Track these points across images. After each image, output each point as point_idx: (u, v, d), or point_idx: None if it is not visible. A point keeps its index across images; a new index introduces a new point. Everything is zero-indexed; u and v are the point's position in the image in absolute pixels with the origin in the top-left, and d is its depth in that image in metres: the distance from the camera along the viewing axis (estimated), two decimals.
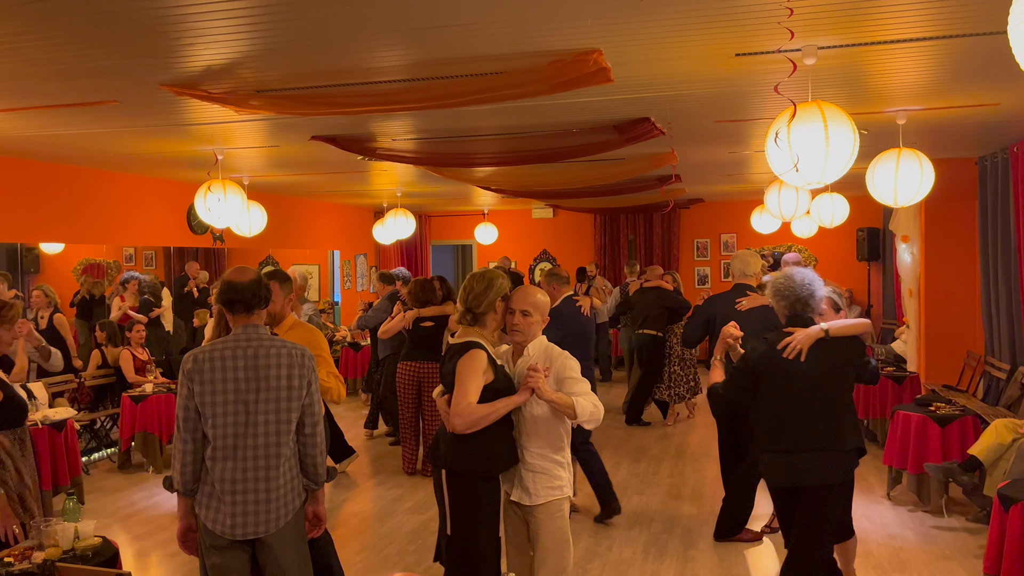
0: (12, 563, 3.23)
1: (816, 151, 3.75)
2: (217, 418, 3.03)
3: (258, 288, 3.16)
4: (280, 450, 3.08)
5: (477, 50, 3.88)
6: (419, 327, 7.01)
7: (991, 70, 4.51)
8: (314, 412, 3.19)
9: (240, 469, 3.03)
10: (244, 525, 3.04)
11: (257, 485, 3.04)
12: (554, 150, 6.54)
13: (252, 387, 3.05)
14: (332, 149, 6.57)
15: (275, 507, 3.08)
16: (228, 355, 3.06)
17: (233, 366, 3.05)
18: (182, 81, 4.40)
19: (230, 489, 3.03)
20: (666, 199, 11.27)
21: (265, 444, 3.06)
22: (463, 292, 3.43)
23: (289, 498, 3.14)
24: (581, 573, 4.95)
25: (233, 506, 3.03)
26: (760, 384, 3.64)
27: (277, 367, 3.08)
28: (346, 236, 13.38)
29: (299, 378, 3.12)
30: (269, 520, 3.07)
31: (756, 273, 5.53)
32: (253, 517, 3.05)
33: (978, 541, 5.25)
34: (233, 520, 3.03)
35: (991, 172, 7.57)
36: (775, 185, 7.77)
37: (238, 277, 3.17)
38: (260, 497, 3.05)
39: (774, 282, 3.78)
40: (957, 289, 8.45)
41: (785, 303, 3.70)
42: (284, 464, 3.10)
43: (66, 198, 7.79)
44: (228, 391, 3.03)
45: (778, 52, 3.90)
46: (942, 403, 6.39)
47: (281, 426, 3.08)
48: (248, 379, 3.05)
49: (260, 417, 3.05)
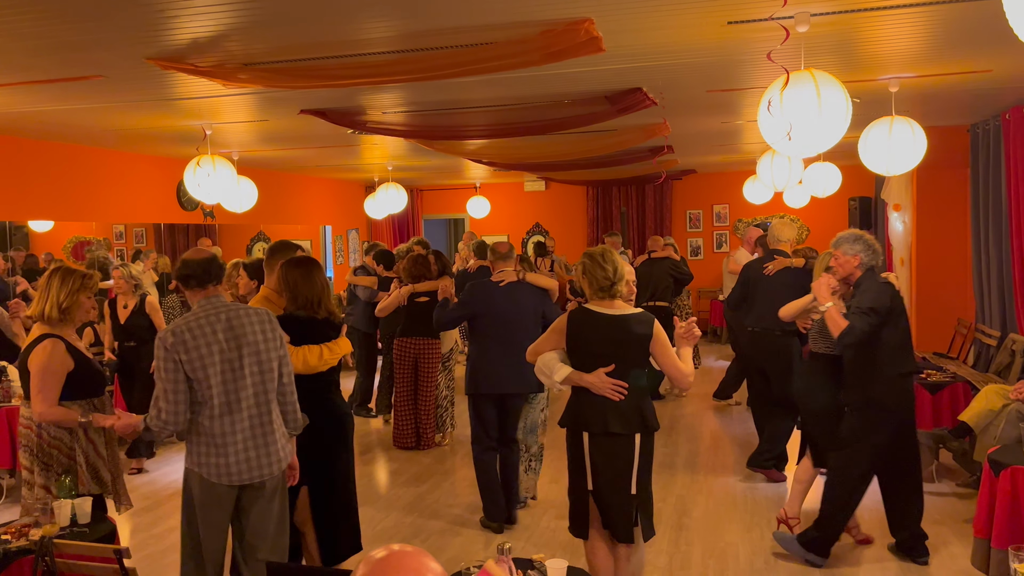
0: (9, 540, 3.24)
1: (809, 119, 3.74)
2: (211, 380, 3.29)
3: (210, 266, 3.44)
4: (269, 397, 3.43)
5: (467, 20, 3.84)
6: (414, 303, 6.98)
7: (984, 36, 4.48)
8: (288, 363, 3.52)
9: (239, 420, 3.34)
10: (250, 471, 3.36)
11: (255, 432, 3.38)
12: (546, 121, 6.50)
13: (234, 346, 3.35)
14: (322, 123, 6.52)
15: (275, 451, 3.43)
16: (204, 323, 3.33)
17: (212, 331, 3.32)
18: (168, 55, 4.35)
19: (232, 440, 3.33)
20: (658, 170, 11.23)
21: (255, 395, 3.38)
22: (601, 272, 3.61)
23: (282, 443, 3.48)
24: (576, 544, 4.98)
25: (237, 455, 3.33)
26: (889, 320, 4.30)
27: (251, 325, 3.41)
28: (338, 211, 13.32)
29: (271, 332, 3.46)
30: (272, 464, 3.41)
31: (790, 239, 6.22)
32: (256, 462, 3.37)
33: (968, 506, 5.32)
34: (239, 467, 3.34)
35: (983, 139, 7.56)
36: (768, 154, 7.76)
37: (193, 255, 3.46)
38: (260, 442, 3.38)
39: (870, 240, 4.50)
40: (948, 257, 8.48)
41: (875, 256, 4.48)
42: (275, 411, 3.46)
43: (54, 175, 7.72)
44: (214, 354, 3.30)
45: (771, 19, 3.87)
46: (933, 370, 6.44)
47: (266, 376, 3.41)
48: (229, 339, 3.34)
49: (247, 371, 3.36)
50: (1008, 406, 5.18)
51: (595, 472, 3.59)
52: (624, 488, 3.57)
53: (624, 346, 3.58)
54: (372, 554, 1.46)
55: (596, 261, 3.63)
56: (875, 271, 4.47)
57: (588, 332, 3.64)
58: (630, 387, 3.57)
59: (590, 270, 3.64)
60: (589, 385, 3.57)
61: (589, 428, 3.59)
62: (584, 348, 3.63)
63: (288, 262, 4.08)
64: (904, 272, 8.84)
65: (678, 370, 3.58)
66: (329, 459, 4.07)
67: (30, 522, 3.42)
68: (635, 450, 3.57)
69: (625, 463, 3.56)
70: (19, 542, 3.22)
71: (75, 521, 3.46)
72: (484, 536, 5.18)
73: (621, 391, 3.54)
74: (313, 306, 4.00)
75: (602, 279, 3.61)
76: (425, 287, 6.99)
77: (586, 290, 3.70)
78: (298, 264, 4.06)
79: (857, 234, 4.54)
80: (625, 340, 3.57)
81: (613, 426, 3.55)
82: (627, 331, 3.58)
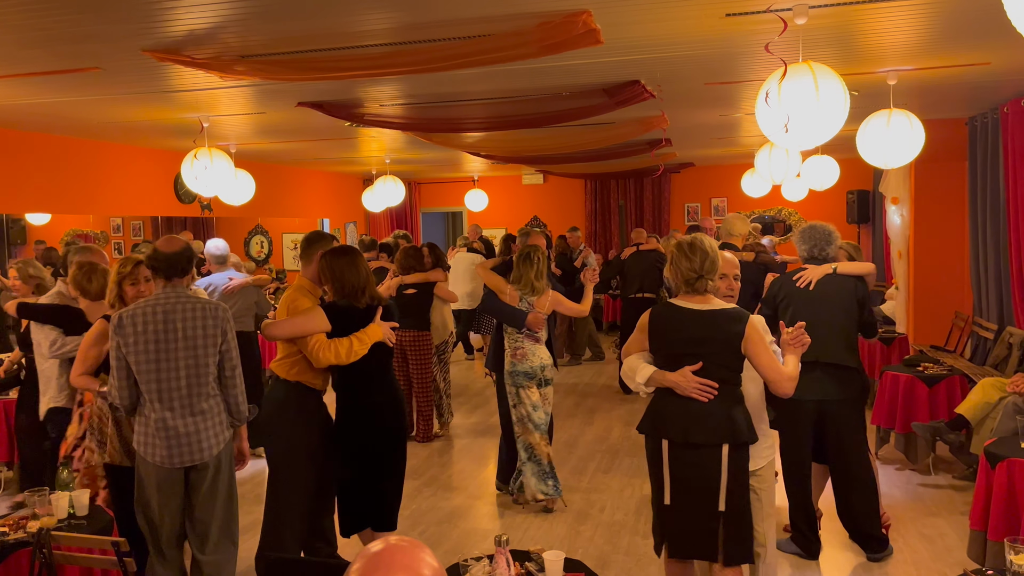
0: (7, 532, 3.24)
1: (807, 111, 3.73)
2: (141, 367, 3.55)
3: (179, 259, 3.65)
4: (201, 390, 3.62)
5: (465, 12, 3.83)
6: (402, 294, 6.96)
7: (982, 29, 4.48)
8: (232, 358, 3.71)
9: (167, 410, 3.57)
10: (180, 455, 3.59)
11: (185, 421, 3.59)
12: (544, 114, 6.48)
13: (171, 338, 3.56)
14: (319, 115, 6.50)
15: (203, 439, 3.62)
16: (149, 311, 3.57)
17: (153, 320, 3.55)
18: (164, 47, 4.33)
19: (162, 427, 3.57)
20: (656, 163, 11.23)
21: (188, 386, 3.59)
22: (687, 263, 3.33)
23: (213, 432, 3.67)
24: (574, 535, 5.01)
25: (167, 441, 3.57)
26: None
27: (193, 319, 3.60)
28: (335, 204, 13.30)
29: (213, 328, 3.63)
30: (202, 450, 3.62)
31: (742, 234, 5.94)
32: (180, 449, 3.58)
33: (964, 498, 5.33)
34: (168, 452, 3.58)
35: (981, 132, 7.56)
36: (766, 147, 7.75)
37: (165, 247, 3.68)
38: (189, 430, 3.59)
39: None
40: (946, 250, 8.48)
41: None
42: (206, 403, 3.64)
43: (51, 168, 7.70)
44: (149, 342, 3.54)
45: (769, 11, 3.86)
46: (930, 363, 6.45)
47: (200, 368, 3.61)
48: (166, 331, 3.56)
49: (181, 363, 3.57)
50: (1005, 399, 5.19)
51: (673, 486, 3.28)
52: (707, 504, 3.23)
53: (710, 344, 3.24)
54: (369, 547, 1.46)
55: (683, 251, 3.33)
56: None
57: (669, 329, 3.34)
58: (720, 391, 3.23)
59: (676, 261, 3.34)
60: (673, 385, 3.25)
61: (669, 436, 3.29)
62: (665, 347, 3.34)
63: (330, 252, 4.10)
64: (902, 265, 8.84)
65: (778, 372, 3.23)
66: (395, 437, 4.15)
67: (28, 514, 3.42)
68: (722, 463, 3.20)
69: (709, 477, 3.21)
70: (17, 534, 3.22)
71: (73, 513, 3.47)
72: (482, 528, 5.19)
73: (710, 391, 3.21)
74: (357, 294, 4.02)
75: (687, 271, 3.31)
76: (414, 279, 6.98)
77: (673, 283, 3.42)
78: (342, 253, 4.09)
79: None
80: (711, 338, 3.25)
81: (695, 435, 3.22)
82: (715, 328, 3.26)
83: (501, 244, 8.58)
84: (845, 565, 4.53)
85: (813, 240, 4.57)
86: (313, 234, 4.40)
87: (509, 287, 5.41)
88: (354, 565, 1.43)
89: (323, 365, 3.94)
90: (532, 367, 5.32)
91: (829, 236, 4.58)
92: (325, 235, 4.41)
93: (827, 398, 4.36)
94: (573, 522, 5.21)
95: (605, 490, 5.81)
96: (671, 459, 3.27)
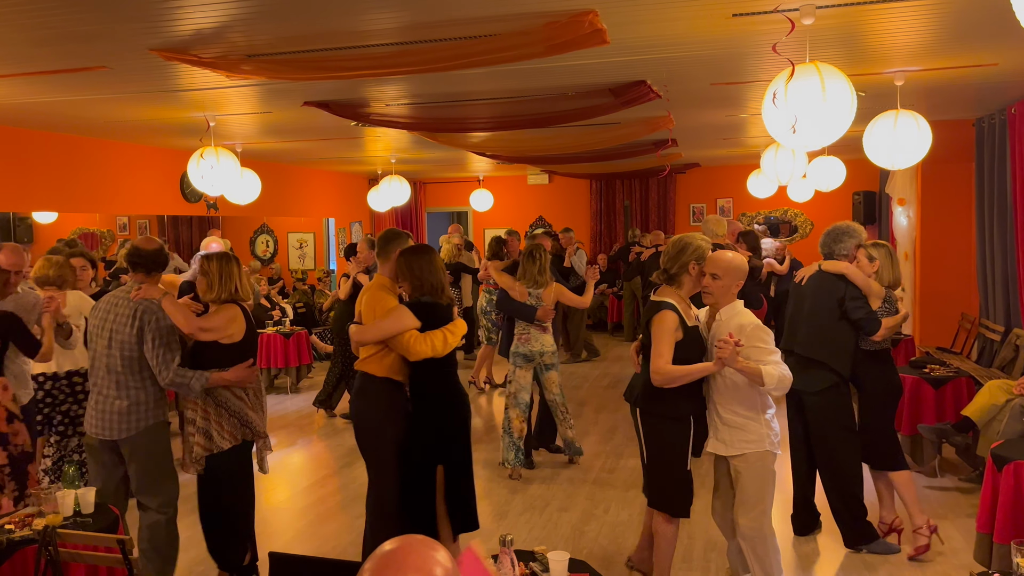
0: (12, 530, 3.25)
1: (814, 112, 3.72)
2: (89, 347, 4.11)
3: (156, 257, 4.05)
4: (124, 378, 3.98)
5: (471, 12, 3.83)
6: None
7: (990, 29, 4.46)
8: (150, 350, 3.96)
9: (97, 388, 4.03)
10: (99, 427, 4.00)
11: (108, 402, 3.99)
12: (549, 114, 6.48)
13: (108, 327, 4.00)
14: (325, 115, 6.51)
15: (124, 419, 3.97)
16: (112, 300, 4.04)
17: (104, 310, 4.04)
18: (172, 46, 4.34)
19: (93, 401, 4.06)
20: (662, 164, 11.21)
21: (115, 371, 3.98)
22: (663, 254, 3.82)
23: (136, 415, 3.99)
24: (578, 535, 5.01)
25: (93, 413, 4.04)
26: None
27: (125, 316, 3.98)
28: (341, 203, 13.31)
29: (138, 328, 3.95)
30: (121, 429, 3.97)
31: (721, 236, 6.27)
32: (98, 422, 4.00)
33: (970, 500, 5.31)
34: (90, 424, 4.04)
35: (988, 134, 7.53)
36: (772, 148, 7.73)
37: (144, 245, 4.07)
38: (111, 408, 3.98)
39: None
40: (952, 252, 8.46)
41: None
42: (130, 388, 3.99)
43: (58, 167, 7.72)
44: (95, 328, 4.05)
45: (775, 12, 3.86)
46: (936, 365, 6.43)
47: (124, 360, 3.98)
48: (106, 321, 4.01)
49: (114, 350, 3.98)
50: (1012, 401, 5.17)
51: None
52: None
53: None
54: (382, 546, 1.43)
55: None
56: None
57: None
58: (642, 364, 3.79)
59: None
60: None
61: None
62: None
63: (409, 251, 4.13)
64: (908, 266, 8.81)
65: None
66: (462, 438, 4.17)
67: (33, 512, 3.43)
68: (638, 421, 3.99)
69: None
70: (22, 532, 3.23)
71: (79, 511, 3.47)
72: (487, 528, 5.18)
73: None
74: (437, 292, 4.06)
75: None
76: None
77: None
78: (421, 252, 4.11)
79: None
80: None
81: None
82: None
83: (493, 245, 8.55)
84: (847, 565, 4.52)
85: (824, 239, 4.79)
86: (389, 232, 4.41)
87: (517, 284, 6.12)
88: (366, 565, 1.41)
89: (419, 358, 3.94)
90: (531, 351, 6.08)
91: (839, 235, 4.71)
92: (401, 233, 4.42)
93: (803, 389, 4.51)
94: (578, 522, 5.20)
95: (610, 488, 5.80)
96: (644, 426, 3.94)
